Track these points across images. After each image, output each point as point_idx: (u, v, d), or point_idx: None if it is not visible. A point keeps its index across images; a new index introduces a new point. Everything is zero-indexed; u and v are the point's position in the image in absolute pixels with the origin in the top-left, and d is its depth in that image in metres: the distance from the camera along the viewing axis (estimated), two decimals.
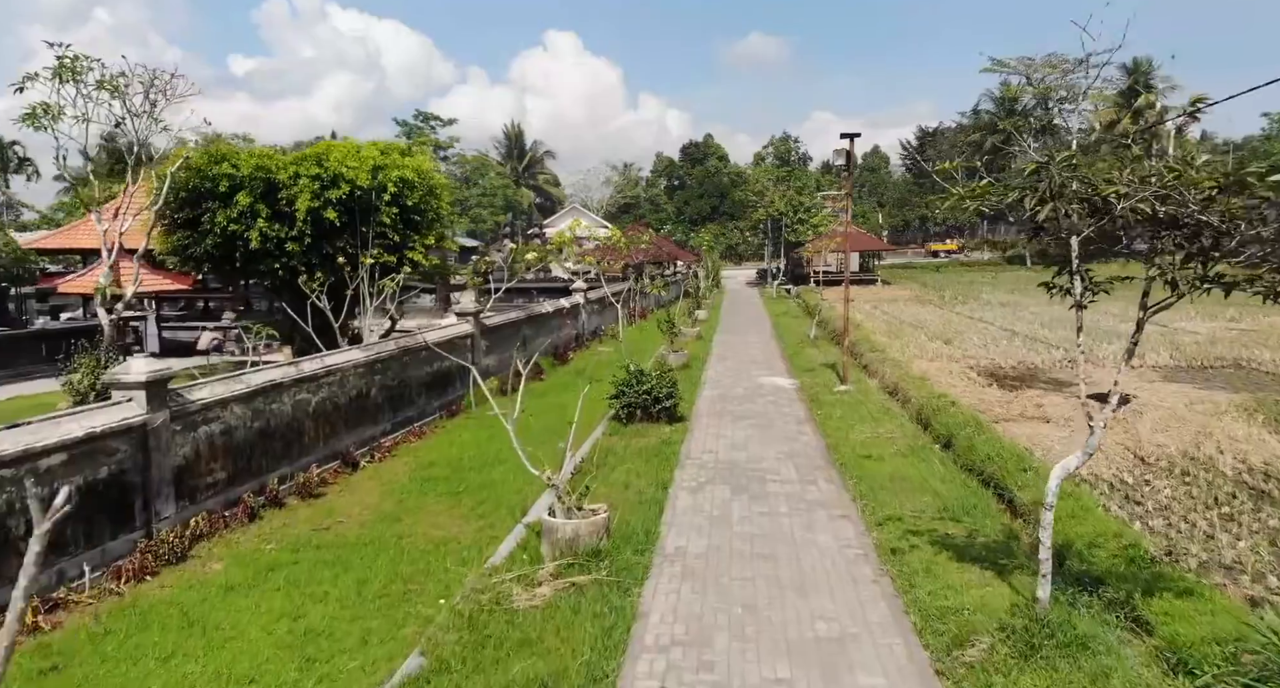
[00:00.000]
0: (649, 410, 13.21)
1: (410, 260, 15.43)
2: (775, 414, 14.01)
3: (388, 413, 13.31)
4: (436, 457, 12.47)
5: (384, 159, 15.05)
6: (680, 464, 10.76)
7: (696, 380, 17.63)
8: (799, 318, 32.51)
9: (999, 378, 17.36)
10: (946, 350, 20.94)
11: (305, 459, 10.99)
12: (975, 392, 15.55)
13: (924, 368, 17.99)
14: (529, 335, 20.51)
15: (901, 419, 13.46)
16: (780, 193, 55.31)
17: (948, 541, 7.89)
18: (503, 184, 72.07)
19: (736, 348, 23.39)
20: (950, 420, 12.12)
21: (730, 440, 12.10)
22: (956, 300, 37.75)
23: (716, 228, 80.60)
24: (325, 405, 11.62)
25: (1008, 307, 33.47)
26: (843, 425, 12.92)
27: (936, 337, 23.81)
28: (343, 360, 12.11)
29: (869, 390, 15.93)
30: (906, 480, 9.88)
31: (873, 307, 35.16)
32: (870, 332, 24.24)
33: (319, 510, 10.03)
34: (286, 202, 14.04)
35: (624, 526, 8.28)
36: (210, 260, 14.81)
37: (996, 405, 14.28)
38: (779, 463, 10.77)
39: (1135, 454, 11.28)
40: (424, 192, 15.53)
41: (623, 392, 13.30)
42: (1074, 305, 5.99)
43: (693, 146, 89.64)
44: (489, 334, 17.65)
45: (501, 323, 18.42)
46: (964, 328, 26.12)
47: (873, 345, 20.54)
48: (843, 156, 15.83)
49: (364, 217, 14.71)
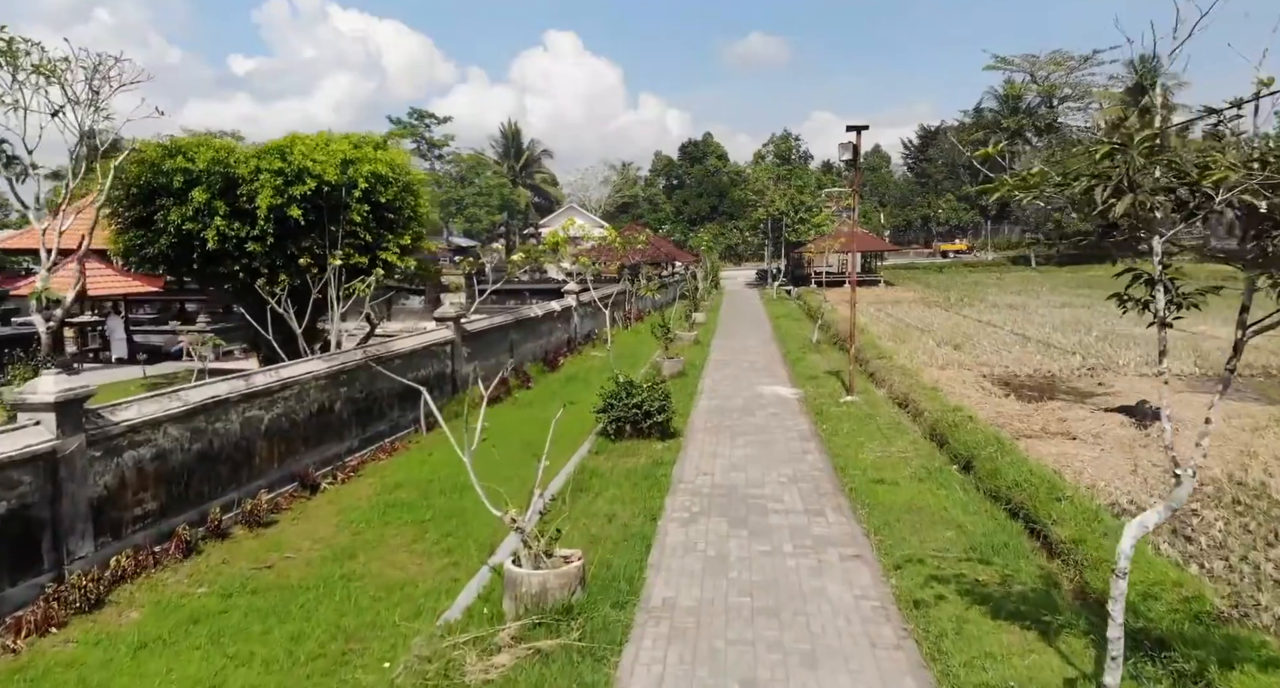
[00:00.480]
0: (639, 426, 12.12)
1: (384, 262, 14.33)
2: (777, 429, 12.91)
3: (355, 429, 12.22)
4: (406, 477, 11.39)
5: (356, 153, 13.95)
6: (672, 490, 9.66)
7: (692, 390, 16.53)
8: (800, 321, 31.42)
9: (1015, 388, 16.26)
10: (957, 357, 19.84)
11: (255, 483, 9.90)
12: (992, 404, 14.46)
13: (935, 377, 16.90)
14: (516, 341, 19.42)
15: (914, 435, 12.37)
16: (780, 192, 54.16)
17: (978, 590, 6.79)
18: (499, 183, 70.92)
19: (735, 353, 22.30)
20: (969, 439, 11.04)
21: (728, 461, 11.00)
22: (962, 302, 36.65)
23: (715, 228, 79.47)
24: (281, 423, 10.53)
25: (1016, 309, 32.38)
26: (851, 443, 11.82)
27: (945, 342, 22.71)
28: (301, 372, 11.01)
29: (877, 402, 14.83)
30: (925, 511, 8.79)
31: (876, 309, 34.06)
32: (875, 336, 23.14)
33: (266, 543, 8.94)
34: (247, 198, 12.94)
35: (604, 570, 7.19)
36: (165, 261, 13.70)
37: (1016, 420, 13.18)
38: (782, 488, 9.67)
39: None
40: (399, 188, 14.42)
41: (610, 405, 12.21)
42: (1155, 322, 4.85)
43: (691, 145, 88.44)
44: (472, 340, 16.55)
45: (486, 328, 17.33)
46: (973, 332, 25.03)
47: (879, 351, 19.45)
48: (849, 151, 14.74)
49: (333, 215, 13.62)
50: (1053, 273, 59.02)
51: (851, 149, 14.76)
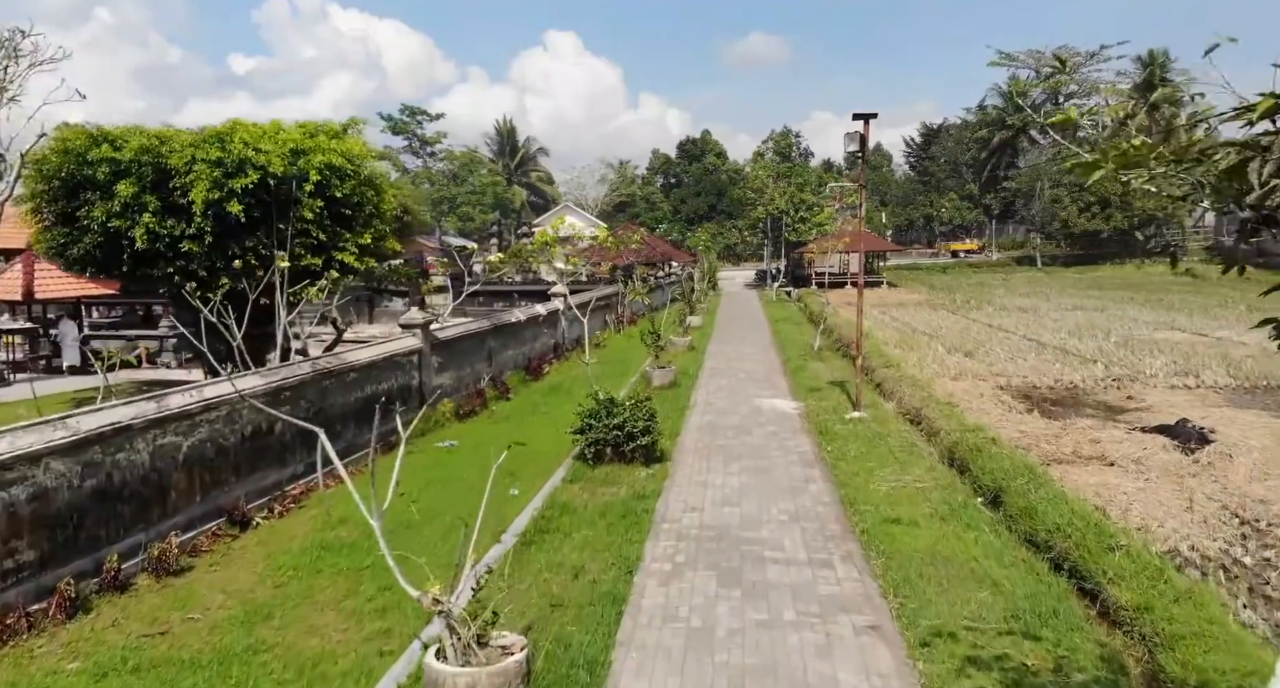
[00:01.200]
0: (621, 449, 10.72)
1: (340, 263, 12.93)
2: (776, 451, 11.52)
3: (299, 452, 10.83)
4: (354, 508, 9.96)
5: (309, 142, 12.55)
6: (653, 532, 8.27)
7: (684, 403, 15.13)
8: (800, 324, 30.03)
9: (1036, 402, 14.87)
10: (970, 366, 18.45)
11: (169, 523, 8.51)
12: (1013, 421, 13.07)
13: (948, 389, 15.51)
14: (495, 348, 18.01)
15: (931, 460, 10.98)
16: (781, 190, 52.73)
17: (1029, 681, 5.40)
18: (492, 181, 69.47)
19: (732, 361, 20.91)
20: (994, 466, 9.66)
21: (720, 492, 9.61)
22: (970, 305, 35.26)
23: (714, 227, 78.07)
24: (204, 450, 9.14)
25: (1026, 312, 30.99)
26: (859, 469, 10.43)
27: (956, 348, 21.32)
28: (231, 391, 9.61)
29: (887, 418, 13.44)
30: (951, 562, 7.40)
31: (880, 312, 32.66)
32: (881, 342, 21.75)
33: (172, 597, 7.56)
34: (181, 192, 11.53)
35: (561, 651, 5.80)
36: (92, 263, 12.29)
37: (1043, 440, 11.80)
38: (782, 530, 8.28)
39: (1237, 516, 8.80)
40: (357, 181, 13.02)
41: (589, 425, 10.81)
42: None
43: (690, 143, 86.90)
44: (443, 349, 15.15)
45: (459, 335, 15.92)
46: (984, 338, 23.64)
47: (886, 360, 18.05)
48: (855, 141, 13.34)
49: (282, 211, 12.22)
50: (1058, 273, 57.64)
51: (858, 140, 13.37)
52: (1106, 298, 37.06)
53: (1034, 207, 61.27)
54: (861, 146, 13.36)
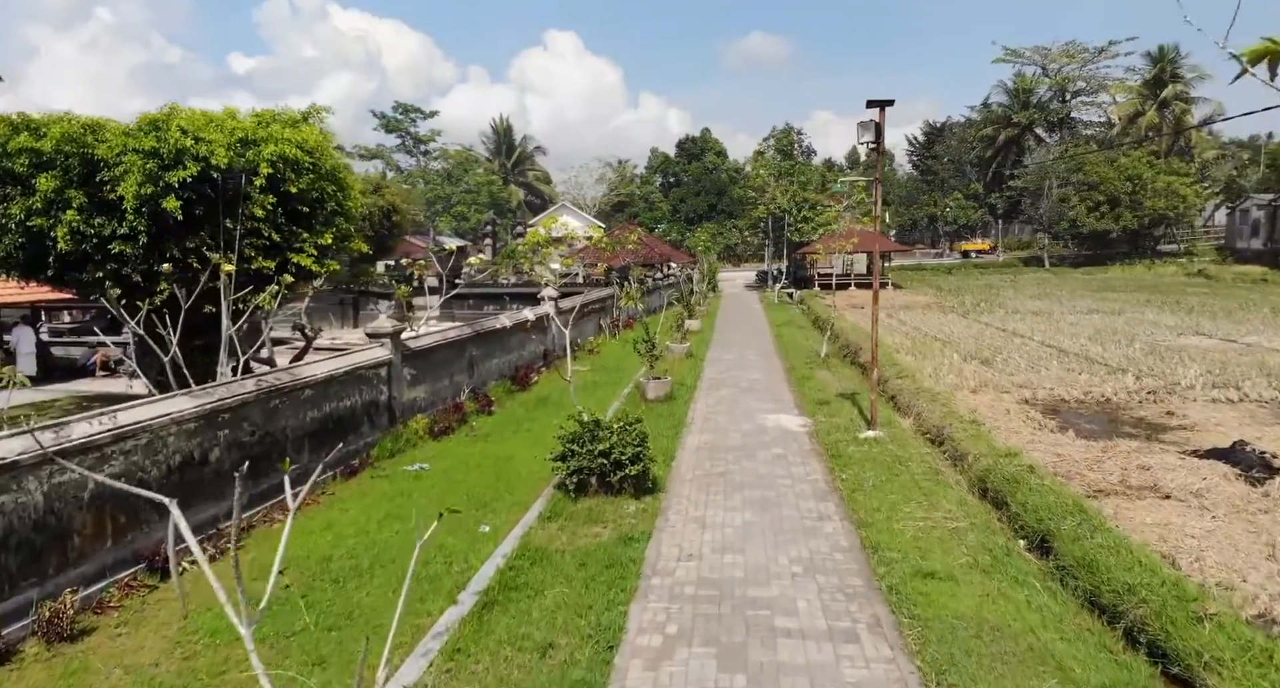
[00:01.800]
0: (607, 479, 9.40)
1: (296, 266, 11.60)
2: (783, 480, 10.19)
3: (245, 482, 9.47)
4: (299, 550, 8.67)
5: (260, 131, 11.23)
6: (641, 590, 6.94)
7: (680, 419, 13.81)
8: (804, 329, 28.71)
9: (1068, 419, 13.55)
10: (989, 376, 17.12)
11: (70, 574, 7.20)
12: (1047, 442, 11.75)
13: (970, 403, 14.19)
14: (478, 357, 16.69)
15: (960, 491, 9.65)
16: (783, 188, 51.34)
17: None
18: (487, 181, 68.10)
19: (733, 370, 19.58)
20: (1037, 501, 8.34)
21: (720, 534, 8.28)
22: (980, 308, 33.92)
23: (714, 227, 76.75)
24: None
25: (1040, 316, 29.66)
26: (880, 503, 9.11)
27: (971, 355, 19.99)
28: (152, 416, 8.29)
29: (905, 438, 12.12)
30: (1003, 634, 6.07)
31: (888, 315, 31.32)
32: (892, 349, 20.42)
33: (61, 671, 6.25)
34: (111, 186, 10.20)
35: None
36: (14, 266, 10.95)
37: (1085, 467, 10.47)
38: (794, 586, 6.96)
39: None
40: (316, 176, 11.70)
41: (571, 452, 9.48)
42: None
43: (689, 141, 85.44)
44: (416, 360, 13.83)
45: (434, 344, 14.59)
46: (1000, 344, 22.31)
47: (899, 369, 16.73)
48: (870, 130, 12.02)
49: (229, 208, 10.90)
50: (1066, 274, 56.26)
51: (873, 129, 12.04)
52: (1121, 300, 35.73)
53: (1041, 206, 59.87)
54: (877, 136, 12.05)
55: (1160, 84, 59.90)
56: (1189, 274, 50.59)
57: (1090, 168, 56.27)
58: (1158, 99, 60.06)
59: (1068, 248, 63.79)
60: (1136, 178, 54.83)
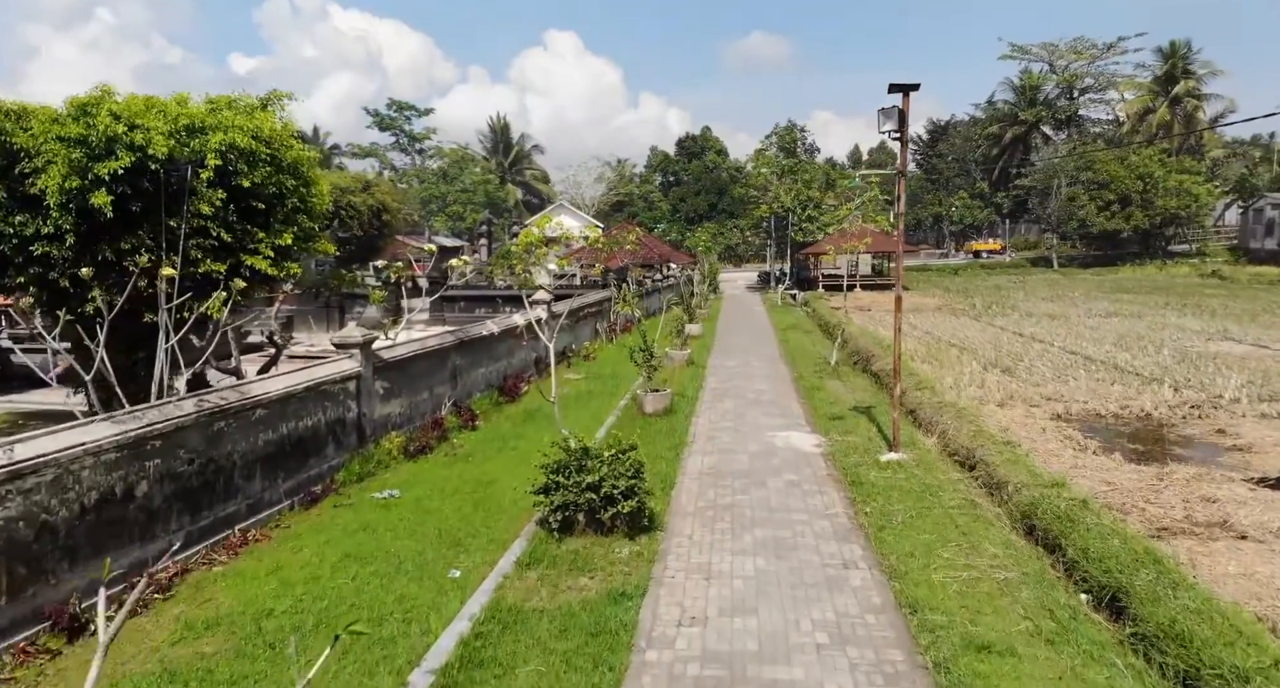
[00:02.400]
0: (597, 516, 8.14)
1: (250, 269, 10.34)
2: (800, 513, 8.93)
3: (177, 518, 8.24)
4: (235, 602, 7.42)
5: (210, 118, 9.98)
6: (633, 669, 5.67)
7: (681, 438, 12.55)
8: (810, 333, 27.44)
9: (1110, 438, 12.30)
10: (1015, 387, 15.86)
11: None
12: (1092, 466, 10.50)
13: (999, 419, 12.94)
14: (462, 366, 15.42)
15: (1002, 528, 8.40)
16: (786, 187, 50.01)
17: None
18: (483, 180, 66.81)
19: (737, 379, 18.32)
20: (1100, 547, 7.10)
21: (729, 588, 7.02)
22: (992, 311, 32.66)
23: (714, 227, 75.42)
24: (16, 532, 6.57)
25: (1056, 320, 28.39)
26: (914, 546, 7.85)
27: (992, 364, 18.73)
28: (61, 447, 7.03)
29: (931, 462, 10.86)
30: None
31: None
32: (907, 356, 19.16)
33: None
34: (31, 179, 8.95)
35: None
36: None
37: (1140, 497, 9.22)
38: (821, 663, 5.70)
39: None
40: (273, 169, 10.44)
41: (555, 484, 8.23)
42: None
43: (689, 140, 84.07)
44: (391, 372, 12.57)
45: (412, 354, 13.34)
46: (1019, 350, 21.05)
47: (918, 379, 15.47)
48: (893, 118, 10.76)
49: (172, 204, 9.65)
50: (1075, 275, 54.93)
51: (896, 116, 10.79)
52: (1138, 302, 34.47)
53: (1050, 205, 58.51)
54: (901, 124, 10.79)
55: (1172, 80, 58.59)
56: (1203, 275, 49.32)
57: (1100, 166, 54.96)
58: (1169, 96, 58.77)
59: (1076, 248, 62.48)
60: (1148, 176, 53.55)
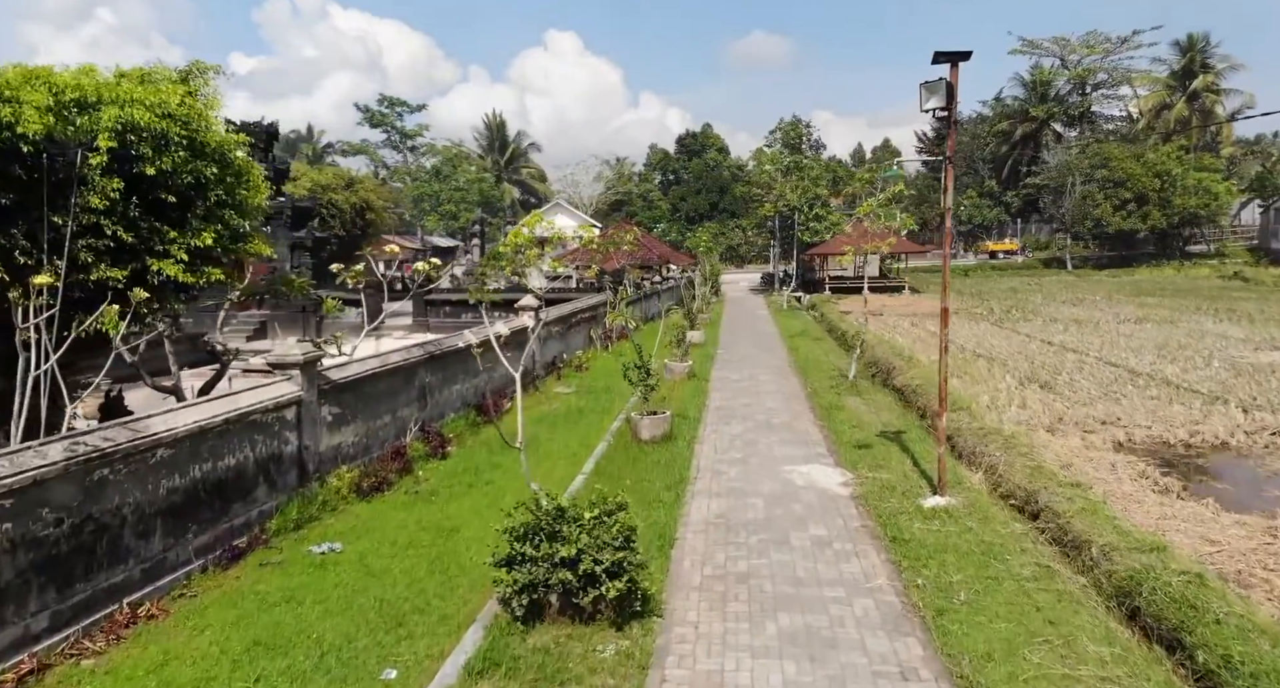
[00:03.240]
0: (574, 599, 6.28)
1: (158, 275, 8.49)
2: (834, 590, 7.05)
3: (33, 598, 6.38)
4: None
5: (105, 91, 8.13)
6: None
7: (681, 473, 10.69)
8: (820, 340, 25.58)
9: (1190, 474, 10.44)
10: (1060, 406, 14.01)
11: None
12: (1183, 515, 8.63)
13: (1054, 449, 11.10)
14: (433, 384, 13.57)
15: (1093, 609, 6.54)
16: (792, 184, 48.04)
17: None
18: (477, 178, 64.91)
19: (744, 395, 16.47)
20: (1243, 653, 5.30)
21: None
22: (1013, 316, 30.79)
23: (715, 226, 73.55)
24: None
25: (1084, 326, 26.52)
26: (987, 639, 5.98)
27: (1028, 377, 16.86)
28: None
29: (984, 507, 8.99)
30: None
31: (912, 324, 28.24)
32: (931, 368, 17.33)
33: None
34: None
35: None
36: None
37: (1258, 563, 7.38)
38: None
39: None
40: (190, 154, 8.58)
41: (520, 556, 6.36)
42: None
43: (690, 137, 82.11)
44: (342, 395, 10.72)
45: (369, 373, 11.47)
46: (1053, 361, 19.19)
47: (952, 399, 13.60)
48: (939, 93, 8.90)
49: (59, 196, 7.81)
50: (1090, 276, 53.04)
51: (944, 90, 8.93)
52: (1167, 307, 32.59)
53: (1064, 204, 56.54)
54: (948, 99, 8.94)
55: (1190, 74, 56.70)
56: (1224, 277, 47.44)
57: (1116, 163, 53.02)
58: (1186, 90, 56.88)
59: (1089, 248, 60.53)
60: (1166, 174, 51.66)
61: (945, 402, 9.57)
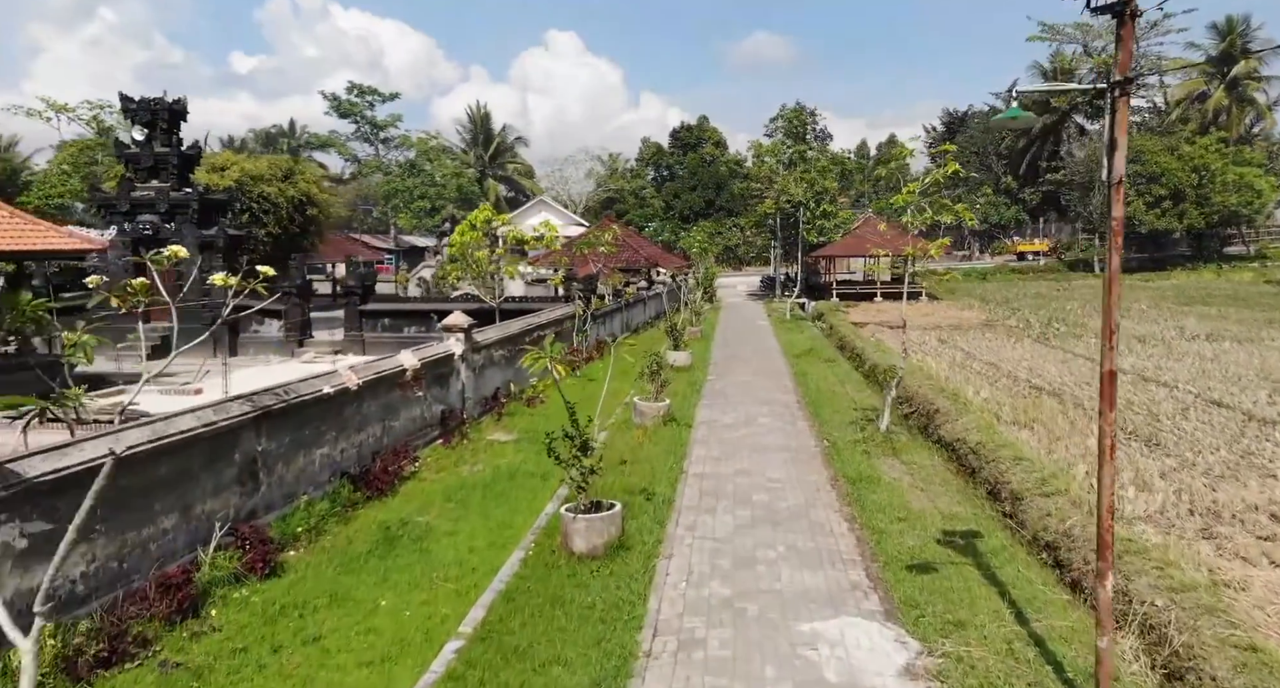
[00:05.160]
0: None
1: None
2: None
3: None
4: None
5: None
6: None
7: (626, 646, 6.29)
8: (833, 362, 21.15)
9: None
10: (1195, 485, 9.64)
11: None
12: None
13: (1226, 575, 6.72)
14: (271, 453, 9.16)
15: None
16: (796, 177, 43.56)
17: None
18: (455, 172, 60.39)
19: (736, 454, 12.09)
20: None
21: None
22: (1056, 330, 26.40)
23: (711, 226, 69.09)
24: None
25: (1148, 345, 22.12)
26: None
27: (1127, 430, 12.46)
28: None
29: None
30: None
31: (940, 340, 23.88)
32: (977, 407, 12.95)
33: None
34: None
35: None
36: None
37: None
38: None
39: None
40: None
41: None
42: None
43: (684, 130, 77.44)
44: (55, 498, 6.31)
45: (135, 452, 7.00)
46: (1138, 398, 14.81)
47: (1022, 460, 9.27)
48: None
49: None
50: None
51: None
52: (1229, 318, 28.23)
53: (1091, 201, 52.11)
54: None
55: (1229, 60, 52.32)
56: (1271, 282, 43.03)
57: (1149, 157, 48.61)
58: (1225, 78, 52.50)
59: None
60: (1204, 169, 47.30)
61: (1110, 564, 5.10)
